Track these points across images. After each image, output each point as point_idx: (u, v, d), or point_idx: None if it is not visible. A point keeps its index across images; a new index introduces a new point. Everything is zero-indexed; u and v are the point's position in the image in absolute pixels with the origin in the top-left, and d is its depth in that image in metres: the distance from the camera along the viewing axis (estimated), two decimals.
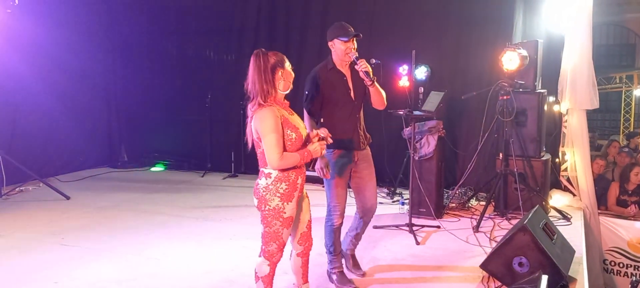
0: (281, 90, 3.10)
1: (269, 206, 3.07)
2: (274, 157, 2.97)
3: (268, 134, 2.96)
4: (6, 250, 4.85)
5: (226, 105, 8.21)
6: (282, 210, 3.08)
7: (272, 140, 2.96)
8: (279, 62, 3.10)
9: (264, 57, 3.05)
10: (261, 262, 3.21)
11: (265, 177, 3.09)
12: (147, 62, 8.76)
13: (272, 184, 3.06)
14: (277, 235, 3.13)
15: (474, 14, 6.82)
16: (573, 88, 5.99)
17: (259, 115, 3.00)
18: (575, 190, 6.23)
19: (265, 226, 3.13)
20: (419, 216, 5.70)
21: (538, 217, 4.20)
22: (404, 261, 4.60)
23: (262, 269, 3.22)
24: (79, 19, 8.20)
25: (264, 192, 3.08)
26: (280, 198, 3.07)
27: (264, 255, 3.19)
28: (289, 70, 3.14)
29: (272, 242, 3.15)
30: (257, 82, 3.02)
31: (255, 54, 3.06)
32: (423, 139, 5.74)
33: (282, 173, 3.06)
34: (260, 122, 2.99)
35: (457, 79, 6.90)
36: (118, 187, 7.40)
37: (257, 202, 3.13)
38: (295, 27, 7.83)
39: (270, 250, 3.17)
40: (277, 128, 2.97)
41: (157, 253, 4.77)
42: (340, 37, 3.76)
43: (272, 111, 3.00)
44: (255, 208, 3.20)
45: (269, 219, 3.10)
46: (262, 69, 3.02)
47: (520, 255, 3.85)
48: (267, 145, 2.97)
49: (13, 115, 7.36)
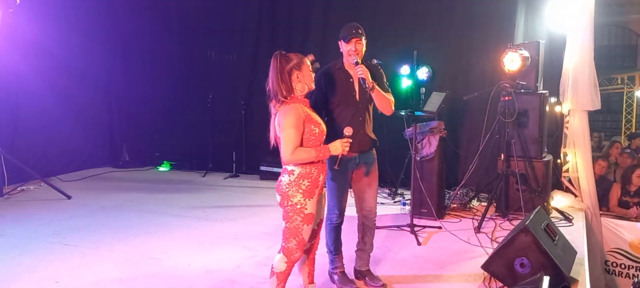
0: (299, 91, 3.20)
1: (291, 202, 3.14)
2: (286, 150, 3.08)
3: (287, 129, 3.08)
4: (8, 249, 4.85)
5: (227, 105, 8.22)
6: (303, 207, 3.15)
7: (289, 135, 3.07)
8: (296, 64, 3.19)
9: (282, 59, 3.17)
10: (280, 258, 3.27)
11: (287, 173, 3.17)
12: (149, 62, 8.77)
13: (294, 181, 3.14)
14: (297, 230, 3.18)
15: (475, 14, 6.82)
16: (575, 89, 5.98)
17: (283, 110, 3.12)
18: (576, 191, 6.23)
19: (286, 222, 3.20)
20: (420, 217, 5.70)
21: (540, 218, 4.19)
22: (406, 262, 4.60)
23: (279, 265, 3.27)
24: (80, 19, 8.21)
25: (286, 188, 3.15)
26: (302, 194, 3.14)
27: (283, 252, 3.25)
28: (308, 72, 3.22)
29: (292, 238, 3.20)
30: (275, 82, 3.15)
31: (274, 55, 3.18)
32: (424, 139, 5.74)
33: (305, 170, 3.14)
34: (283, 117, 3.11)
35: (458, 79, 6.90)
36: (119, 187, 7.41)
37: (280, 198, 3.19)
38: (297, 27, 7.83)
39: (290, 247, 3.22)
40: (297, 125, 3.08)
41: (159, 253, 4.77)
42: (342, 38, 3.78)
43: (296, 108, 3.12)
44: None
45: (291, 215, 3.17)
46: (279, 71, 3.14)
47: (521, 256, 3.85)
48: (283, 139, 3.08)
49: (15, 114, 7.38)
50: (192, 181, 7.85)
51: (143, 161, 8.79)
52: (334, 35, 7.44)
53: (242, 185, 7.57)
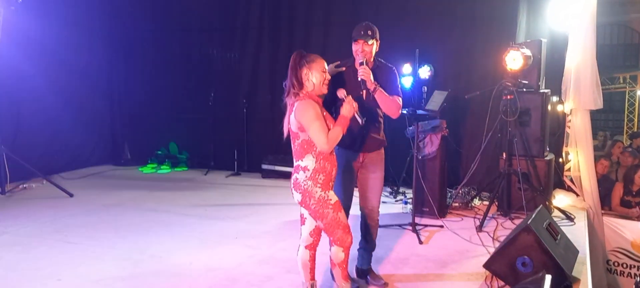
0: (309, 90, 3.29)
1: (314, 198, 3.25)
2: (322, 140, 3.18)
3: (313, 122, 3.18)
4: (10, 246, 4.86)
5: (229, 103, 8.22)
6: (327, 199, 3.27)
7: (317, 127, 3.18)
8: (309, 62, 3.28)
9: (297, 56, 3.31)
10: (335, 250, 3.39)
11: (302, 170, 3.26)
12: (151, 60, 8.77)
13: (311, 176, 3.24)
14: (336, 221, 3.31)
15: (477, 13, 6.82)
16: (577, 88, 5.97)
17: (300, 106, 3.22)
18: (578, 190, 6.22)
19: (322, 219, 3.29)
20: (422, 215, 5.70)
21: (542, 217, 4.19)
22: (407, 260, 4.60)
23: (338, 256, 3.40)
24: (82, 17, 8.22)
25: (305, 185, 3.24)
26: (321, 187, 3.26)
27: (337, 244, 3.37)
28: (320, 72, 3.29)
29: (336, 229, 3.33)
30: (289, 77, 3.29)
31: (294, 53, 3.33)
32: (426, 138, 5.74)
33: (319, 165, 3.25)
34: (302, 113, 3.20)
35: (460, 78, 6.90)
36: (121, 185, 7.41)
37: (301, 196, 3.27)
38: (299, 25, 7.83)
39: (339, 236, 3.34)
40: (318, 115, 3.21)
41: (160, 251, 4.78)
42: (353, 37, 3.77)
43: (311, 102, 3.24)
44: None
45: (321, 210, 3.27)
46: (292, 66, 3.28)
47: (523, 255, 3.85)
48: (314, 132, 3.19)
49: (17, 112, 7.39)
50: (194, 179, 7.85)
51: (144, 159, 8.79)
52: (335, 34, 7.54)
53: (243, 184, 7.57)
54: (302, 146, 3.26)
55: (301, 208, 3.43)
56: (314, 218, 3.33)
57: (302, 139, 3.25)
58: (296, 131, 3.25)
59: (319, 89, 3.32)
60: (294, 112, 3.22)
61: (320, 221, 3.31)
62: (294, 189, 3.30)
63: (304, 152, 3.26)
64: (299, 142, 3.26)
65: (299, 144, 3.27)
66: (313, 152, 3.25)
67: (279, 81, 7.90)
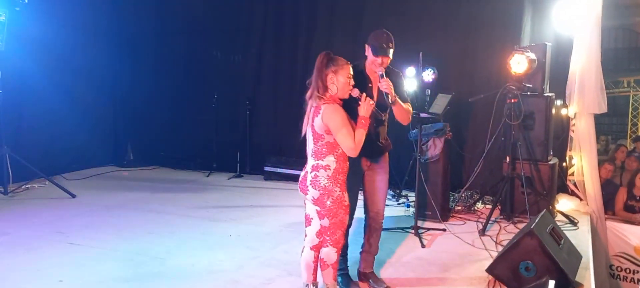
0: (333, 93, 3.34)
1: (332, 197, 3.30)
2: (350, 145, 3.27)
3: (341, 128, 3.26)
4: (12, 247, 4.85)
5: (232, 105, 8.22)
6: (343, 199, 3.35)
7: (345, 132, 3.27)
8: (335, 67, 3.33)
9: (324, 58, 3.36)
10: (329, 251, 3.43)
11: (323, 169, 3.31)
12: (154, 61, 8.78)
13: (332, 175, 3.30)
14: (342, 223, 3.39)
15: (482, 16, 6.80)
16: (581, 92, 5.94)
17: (328, 110, 3.27)
18: (582, 194, 6.19)
19: (331, 217, 3.33)
20: (424, 219, 5.68)
21: (545, 221, 4.17)
22: (409, 264, 4.58)
23: (331, 257, 3.43)
24: (86, 18, 8.24)
25: (326, 183, 3.28)
26: (340, 188, 3.33)
27: (332, 244, 3.41)
28: (344, 79, 3.34)
29: (338, 230, 3.39)
30: (315, 78, 3.35)
31: (321, 54, 3.39)
32: (429, 141, 5.72)
33: (339, 165, 3.33)
34: (331, 117, 3.26)
35: (464, 81, 6.87)
36: (124, 186, 7.41)
37: (318, 194, 3.30)
38: (303, 27, 7.83)
39: (337, 238, 3.40)
40: (345, 121, 3.29)
41: (162, 253, 4.77)
42: (371, 47, 3.74)
43: (337, 107, 3.31)
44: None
45: (334, 210, 3.33)
46: (318, 68, 3.35)
47: (527, 260, 3.83)
48: (342, 137, 3.27)
49: (20, 113, 7.39)
50: (196, 181, 7.85)
51: (147, 160, 8.79)
52: (339, 36, 7.53)
53: (246, 186, 7.56)
54: (326, 147, 3.31)
55: (307, 208, 3.44)
56: (322, 216, 3.34)
57: (327, 141, 3.31)
58: (321, 133, 3.30)
59: (341, 93, 3.37)
60: (322, 116, 3.27)
61: (328, 219, 3.33)
62: (312, 187, 3.31)
63: (326, 153, 3.31)
64: (323, 143, 3.31)
65: (323, 144, 3.31)
66: (335, 153, 3.32)
67: (282, 83, 7.94)
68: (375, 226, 4.02)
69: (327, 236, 3.40)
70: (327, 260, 3.44)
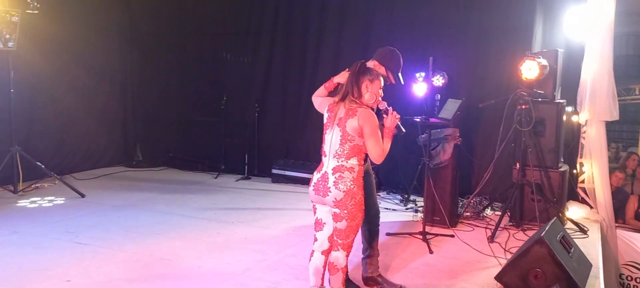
0: (367, 99, 3.41)
1: (355, 200, 3.31)
2: (379, 152, 3.33)
3: (374, 133, 3.32)
4: (20, 246, 4.88)
5: (241, 107, 8.24)
6: (363, 203, 3.38)
7: (377, 139, 3.33)
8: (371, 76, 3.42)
9: (361, 66, 3.45)
10: (339, 255, 3.42)
11: (348, 171, 3.32)
12: (164, 63, 8.82)
13: (356, 178, 3.33)
14: (358, 227, 3.40)
15: (493, 22, 6.76)
16: (593, 99, 5.90)
17: (366, 113, 3.33)
18: (592, 202, 6.13)
19: (349, 220, 3.33)
20: (432, 224, 5.64)
21: (555, 229, 4.13)
22: (417, 270, 4.55)
23: (340, 261, 3.43)
24: (98, 19, 8.28)
25: (352, 185, 3.30)
26: (361, 191, 3.36)
27: (344, 249, 3.41)
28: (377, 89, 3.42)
29: (352, 234, 3.39)
30: (350, 82, 3.43)
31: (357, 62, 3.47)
32: (438, 146, 5.69)
33: (361, 169, 3.37)
34: (367, 121, 3.31)
35: (474, 87, 6.84)
36: (132, 186, 7.43)
37: (343, 195, 3.29)
38: (312, 31, 7.82)
39: (349, 242, 3.40)
40: (378, 128, 3.35)
41: (169, 254, 4.77)
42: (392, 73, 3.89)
43: (373, 113, 3.38)
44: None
45: (354, 212, 3.33)
46: (355, 73, 3.42)
47: (536, 268, 3.78)
48: (374, 142, 3.32)
49: (31, 112, 7.44)
50: (204, 182, 7.86)
51: (156, 161, 8.82)
52: (348, 40, 7.52)
53: (253, 188, 7.56)
54: (353, 149, 3.34)
55: (319, 213, 3.42)
56: (340, 218, 3.32)
57: (356, 143, 3.33)
58: (352, 135, 3.33)
59: (372, 103, 3.44)
60: (358, 118, 3.31)
61: (347, 222, 3.32)
62: (335, 187, 3.29)
63: (352, 154, 3.34)
64: (351, 145, 3.33)
65: (351, 146, 3.33)
66: (359, 156, 3.36)
67: (291, 86, 7.95)
68: (376, 228, 4.05)
69: (339, 240, 3.38)
70: (336, 265, 3.43)
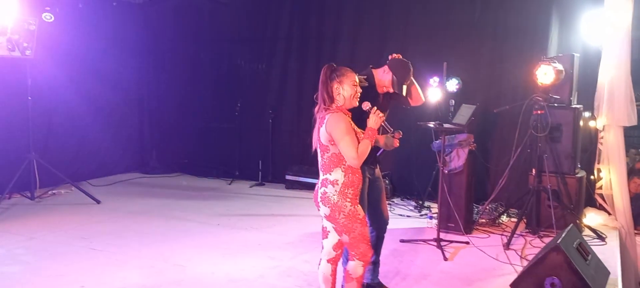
0: (340, 102, 3.29)
1: (343, 213, 3.22)
2: (352, 154, 3.18)
3: (344, 136, 3.18)
4: (37, 252, 4.93)
5: (256, 113, 8.26)
6: (356, 213, 3.26)
7: (348, 141, 3.18)
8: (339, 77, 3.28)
9: (327, 70, 3.32)
10: (356, 265, 3.34)
11: (331, 184, 3.23)
12: (179, 70, 8.88)
13: (340, 190, 3.22)
14: (363, 236, 3.29)
15: (508, 26, 6.71)
16: (610, 104, 5.81)
17: (331, 119, 3.20)
18: (610, 208, 6.04)
19: (349, 233, 3.26)
20: (447, 231, 5.59)
21: (572, 236, 4.07)
22: (431, 277, 4.51)
23: (357, 271, 3.35)
24: (114, 27, 8.37)
25: (335, 199, 3.21)
26: (351, 202, 3.24)
27: (359, 258, 3.33)
28: (351, 87, 3.29)
29: (361, 244, 3.30)
30: (320, 90, 3.31)
31: (324, 67, 3.35)
32: (453, 152, 5.65)
33: (348, 179, 3.23)
34: (334, 126, 3.19)
35: (489, 92, 6.79)
36: (148, 193, 7.48)
37: (330, 210, 3.24)
38: (327, 37, 7.82)
39: (362, 251, 3.31)
40: (348, 130, 3.20)
41: (183, 260, 4.79)
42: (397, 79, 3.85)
43: (342, 115, 3.24)
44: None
45: (350, 225, 3.24)
46: (322, 80, 3.30)
47: (552, 276, 3.73)
48: (344, 146, 3.19)
49: (48, 119, 7.54)
50: (218, 188, 7.89)
51: (171, 167, 8.88)
52: (364, 46, 7.52)
53: (267, 194, 7.57)
54: (332, 159, 3.23)
55: (324, 221, 3.39)
56: (340, 232, 3.28)
57: (332, 152, 3.22)
58: (326, 144, 3.23)
59: (349, 102, 3.31)
60: (325, 125, 3.20)
61: (347, 235, 3.26)
62: (322, 203, 3.25)
63: (332, 166, 3.23)
64: (329, 155, 3.23)
65: (329, 157, 3.23)
66: (342, 165, 3.22)
67: (305, 93, 7.94)
68: (383, 235, 4.04)
69: (351, 251, 3.34)
70: (352, 273, 3.37)
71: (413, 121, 5.82)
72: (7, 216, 6.10)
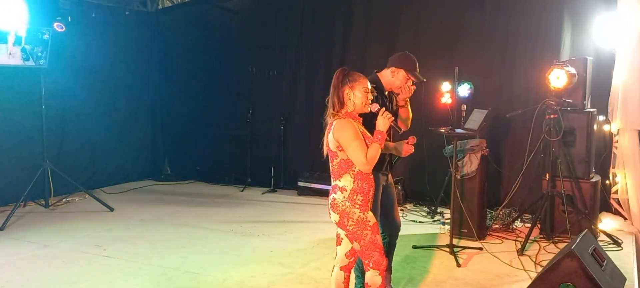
0: (350, 108, 3.25)
1: (352, 219, 3.17)
2: (361, 159, 3.13)
3: (352, 142, 3.13)
4: (50, 259, 4.97)
5: (267, 120, 8.28)
6: (365, 220, 3.19)
7: (356, 146, 3.13)
8: (351, 82, 3.24)
9: (340, 74, 3.28)
10: (371, 274, 3.26)
11: (340, 190, 3.19)
12: (192, 78, 8.94)
13: (349, 197, 3.17)
14: (374, 243, 3.21)
15: (519, 30, 6.67)
16: (624, 107, 5.76)
17: (338, 126, 3.17)
18: (626, 213, 5.96)
19: (359, 241, 3.21)
20: (460, 237, 5.56)
21: (587, 241, 4.01)
22: (444, 283, 4.47)
23: (374, 281, 3.27)
24: (126, 36, 8.46)
25: (343, 206, 3.18)
26: (360, 209, 3.18)
27: (373, 267, 3.25)
28: (362, 93, 3.25)
29: (373, 252, 3.22)
30: (331, 94, 3.27)
31: (337, 70, 3.30)
32: (465, 157, 5.61)
33: (357, 186, 3.18)
34: (341, 132, 3.15)
35: (501, 96, 6.74)
36: (160, 200, 7.52)
37: (339, 217, 3.20)
38: (337, 43, 7.83)
39: (376, 259, 3.23)
40: (356, 135, 3.15)
41: (195, 267, 4.80)
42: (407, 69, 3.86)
43: (349, 121, 3.19)
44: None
45: (359, 232, 3.18)
46: (334, 84, 3.26)
47: (567, 282, 3.68)
48: (353, 152, 3.14)
49: (62, 128, 7.62)
50: (230, 195, 7.90)
51: (184, 175, 8.93)
52: (373, 52, 7.50)
53: (279, 201, 7.57)
54: (341, 166, 3.19)
55: (337, 228, 3.37)
56: (351, 239, 3.24)
57: (341, 158, 3.18)
58: (334, 150, 3.19)
59: (360, 108, 3.27)
60: (332, 131, 3.16)
61: (357, 243, 3.21)
62: (332, 210, 3.22)
63: (342, 172, 3.19)
64: (337, 162, 3.20)
65: (337, 163, 3.20)
66: (351, 171, 3.18)
67: (316, 99, 7.93)
68: (395, 241, 4.02)
69: (364, 260, 3.27)
70: (372, 285, 3.27)
71: (425, 126, 5.79)
72: (22, 224, 6.16)
